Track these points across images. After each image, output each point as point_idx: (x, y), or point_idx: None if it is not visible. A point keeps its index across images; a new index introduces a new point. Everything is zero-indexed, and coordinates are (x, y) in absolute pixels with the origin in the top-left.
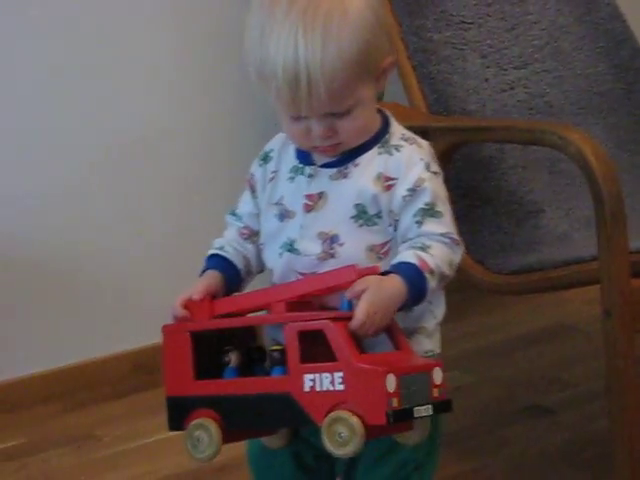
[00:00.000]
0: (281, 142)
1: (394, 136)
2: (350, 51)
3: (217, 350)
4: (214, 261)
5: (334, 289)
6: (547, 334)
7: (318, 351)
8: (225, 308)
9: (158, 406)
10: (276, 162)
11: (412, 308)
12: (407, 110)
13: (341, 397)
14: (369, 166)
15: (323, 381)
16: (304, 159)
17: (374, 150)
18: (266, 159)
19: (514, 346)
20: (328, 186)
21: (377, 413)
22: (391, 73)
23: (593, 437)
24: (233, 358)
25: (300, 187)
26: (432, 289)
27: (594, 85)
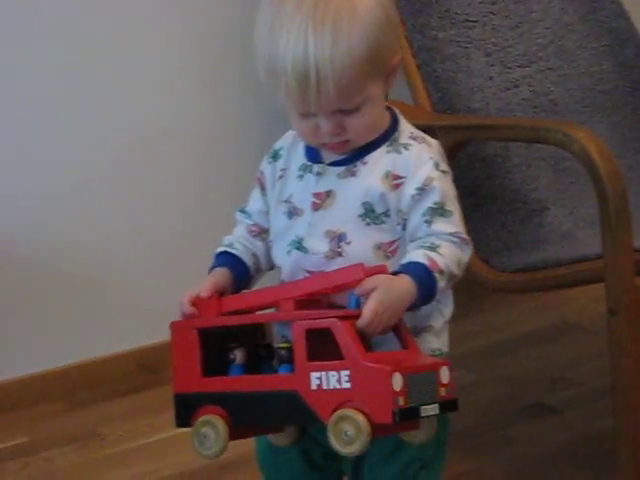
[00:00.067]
0: (291, 140)
1: (403, 134)
2: (360, 48)
3: (223, 347)
4: (223, 258)
5: (342, 287)
6: (551, 332)
7: (326, 349)
8: (233, 305)
9: (161, 405)
10: (285, 160)
11: (420, 307)
12: (411, 108)
13: (347, 395)
14: (377, 164)
15: (330, 379)
16: (313, 157)
17: (383, 148)
18: (276, 157)
19: (518, 344)
20: (336, 184)
21: (383, 412)
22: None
23: (598, 436)
24: (238, 355)
25: (308, 185)
26: (441, 289)
27: (598, 83)
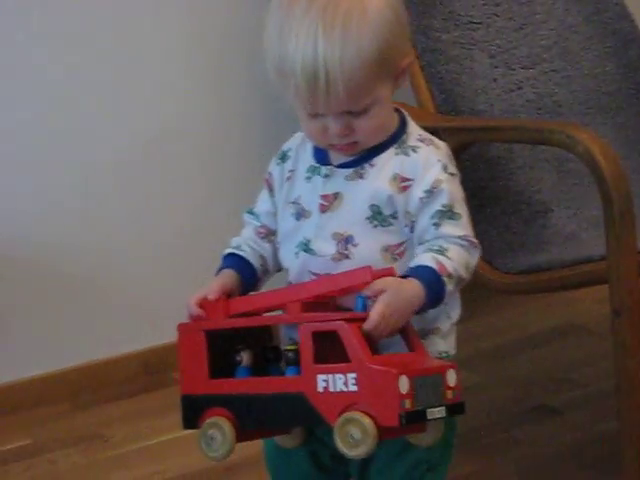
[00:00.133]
0: (299, 141)
1: (411, 136)
2: (369, 50)
3: (230, 349)
4: (230, 260)
5: (349, 290)
6: (556, 334)
7: (333, 352)
8: (240, 308)
9: (165, 406)
10: (293, 161)
11: (427, 311)
12: (415, 110)
13: (354, 398)
14: (385, 167)
15: (336, 382)
16: (321, 159)
17: (391, 150)
18: (284, 158)
19: (523, 346)
20: (344, 186)
21: (390, 414)
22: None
23: (602, 437)
24: (245, 357)
25: (316, 187)
26: (450, 293)
27: (602, 85)
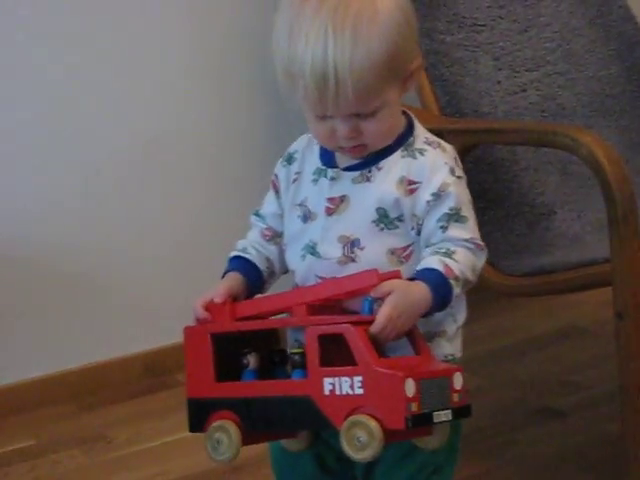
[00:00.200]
0: (305, 143)
1: (418, 139)
2: (379, 52)
3: (236, 352)
4: (236, 263)
5: (356, 293)
6: (559, 336)
7: (339, 355)
8: (246, 310)
9: (168, 408)
10: (300, 163)
11: (434, 314)
12: (419, 112)
13: (360, 401)
14: (392, 170)
15: (342, 385)
16: (327, 162)
17: (398, 153)
18: (290, 160)
19: (526, 348)
20: (350, 189)
21: (396, 417)
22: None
23: (605, 440)
24: (252, 360)
25: (322, 190)
26: (456, 295)
27: (606, 87)
